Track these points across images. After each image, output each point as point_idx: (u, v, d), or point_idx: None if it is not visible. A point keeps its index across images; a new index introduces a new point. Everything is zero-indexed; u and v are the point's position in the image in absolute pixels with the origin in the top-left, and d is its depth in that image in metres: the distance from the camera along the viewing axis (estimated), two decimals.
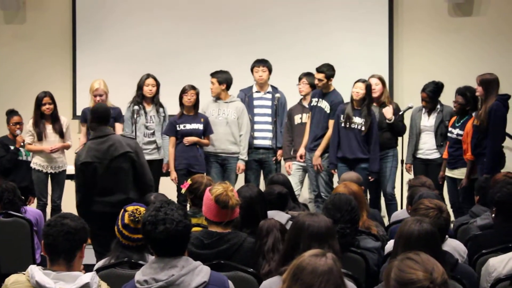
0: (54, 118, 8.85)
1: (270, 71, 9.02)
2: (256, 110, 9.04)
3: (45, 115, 8.79)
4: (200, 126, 8.59)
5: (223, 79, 8.82)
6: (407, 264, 2.83)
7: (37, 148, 8.78)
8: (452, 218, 6.83)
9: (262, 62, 9.01)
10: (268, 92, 9.08)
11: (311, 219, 3.89)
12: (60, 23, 11.13)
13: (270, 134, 8.99)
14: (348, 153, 8.34)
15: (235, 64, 9.30)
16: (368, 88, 8.28)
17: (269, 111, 9.04)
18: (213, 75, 8.87)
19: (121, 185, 6.52)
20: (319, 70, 8.63)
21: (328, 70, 8.59)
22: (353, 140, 8.32)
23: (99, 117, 6.68)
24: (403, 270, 2.82)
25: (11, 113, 9.09)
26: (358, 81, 8.33)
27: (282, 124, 9.02)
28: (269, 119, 9.02)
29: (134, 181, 6.60)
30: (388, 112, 8.56)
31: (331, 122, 8.54)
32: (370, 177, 8.27)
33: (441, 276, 2.77)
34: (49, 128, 8.81)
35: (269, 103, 9.05)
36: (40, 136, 8.74)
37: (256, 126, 9.00)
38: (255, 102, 9.07)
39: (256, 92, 9.10)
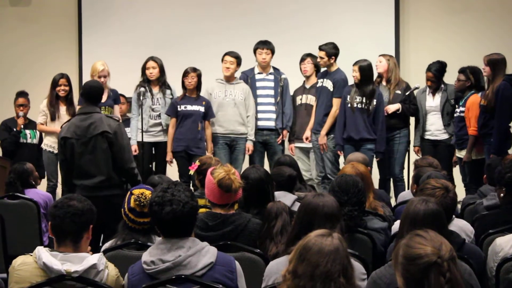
0: (69, 101, 8.86)
1: (273, 53, 8.99)
2: (258, 92, 9.00)
3: (60, 97, 8.80)
4: (201, 108, 8.58)
5: (240, 61, 8.82)
6: (415, 240, 2.85)
7: (49, 129, 8.78)
8: (463, 197, 6.82)
9: (265, 44, 8.96)
10: (270, 74, 9.05)
11: (322, 200, 3.89)
12: (65, 6, 11.13)
13: (273, 115, 8.96)
14: (354, 133, 8.34)
15: (239, 48, 9.23)
16: (361, 69, 8.26)
17: (271, 92, 9.00)
18: (231, 54, 8.82)
19: (100, 166, 6.32)
20: (320, 48, 8.66)
21: (329, 49, 8.61)
22: (359, 120, 8.32)
23: (87, 94, 6.48)
24: (411, 246, 2.84)
25: (18, 94, 9.11)
26: (353, 64, 8.35)
27: (285, 105, 8.99)
28: (272, 100, 8.99)
29: (114, 164, 6.40)
30: (392, 108, 8.53)
31: (335, 100, 8.56)
32: (376, 157, 8.28)
33: (449, 252, 2.78)
34: (63, 109, 8.81)
35: (271, 84, 9.02)
36: (53, 116, 8.73)
37: (259, 108, 8.96)
38: (258, 84, 9.04)
39: (258, 73, 9.07)
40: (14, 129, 8.87)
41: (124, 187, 6.32)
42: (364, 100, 8.28)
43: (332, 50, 8.64)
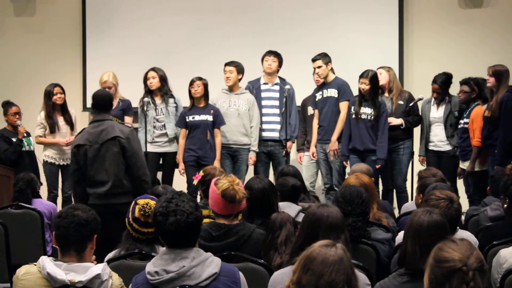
0: (64, 109, 8.88)
1: (280, 63, 8.98)
2: (264, 102, 9.00)
3: (56, 106, 8.80)
4: (209, 118, 8.57)
5: (241, 69, 8.83)
6: (448, 245, 2.89)
7: (50, 141, 8.80)
8: (467, 208, 6.83)
9: (273, 53, 8.98)
10: (276, 84, 9.04)
11: (327, 210, 3.89)
12: (70, 15, 11.17)
13: (278, 126, 8.94)
14: (358, 144, 8.34)
15: (244, 56, 9.27)
16: (373, 80, 8.26)
17: (277, 103, 8.99)
18: (230, 64, 8.84)
19: (109, 171, 6.39)
20: (314, 59, 8.70)
21: (322, 56, 8.68)
22: (363, 131, 8.32)
23: (96, 104, 6.60)
24: (442, 249, 2.88)
25: (7, 104, 8.99)
26: (361, 76, 8.31)
27: (291, 116, 8.98)
28: (277, 111, 8.97)
29: (126, 171, 6.47)
30: (394, 122, 8.53)
31: (342, 105, 8.57)
32: (376, 164, 8.26)
33: (477, 263, 2.79)
34: (60, 119, 8.83)
35: (277, 94, 9.01)
36: (53, 128, 8.75)
37: (264, 118, 8.95)
38: (263, 94, 9.03)
39: (264, 84, 9.06)
40: (13, 139, 8.81)
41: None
42: (372, 112, 8.27)
43: (326, 58, 8.70)
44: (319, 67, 8.68)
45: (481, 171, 7.89)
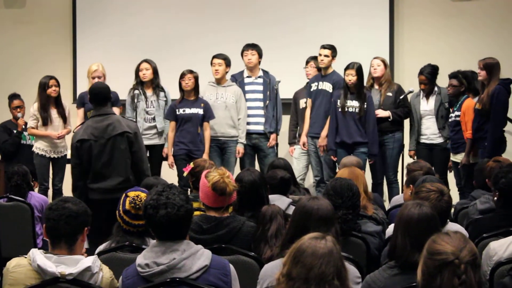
0: (58, 103, 8.85)
1: (260, 55, 8.96)
2: (247, 95, 8.97)
3: (50, 99, 8.77)
4: (200, 111, 8.55)
5: (228, 62, 8.83)
6: (442, 237, 2.90)
7: (41, 133, 8.75)
8: (457, 201, 6.85)
9: (251, 46, 8.96)
10: (259, 77, 9.03)
11: (317, 203, 3.89)
12: (60, 8, 11.13)
13: (262, 119, 8.95)
14: (346, 137, 8.32)
15: (236, 51, 9.24)
16: (359, 71, 8.26)
17: (260, 96, 8.98)
18: (218, 56, 8.82)
19: (118, 167, 6.40)
20: (325, 46, 8.65)
21: (333, 48, 8.65)
22: (351, 124, 8.31)
23: (96, 97, 6.53)
24: (435, 241, 2.89)
25: (12, 97, 9.09)
26: (347, 67, 8.30)
27: (275, 108, 8.97)
28: (261, 104, 8.96)
29: (131, 165, 6.50)
30: (382, 114, 8.54)
31: None
32: (369, 160, 8.29)
33: (470, 256, 2.81)
34: (54, 112, 8.80)
35: (260, 87, 9.00)
36: (46, 120, 8.72)
37: (248, 112, 8.94)
38: (247, 87, 9.01)
39: (247, 77, 9.05)
40: (14, 131, 8.84)
41: None
42: (358, 104, 8.28)
43: (335, 52, 8.68)
44: (326, 56, 8.64)
45: (473, 164, 7.90)
